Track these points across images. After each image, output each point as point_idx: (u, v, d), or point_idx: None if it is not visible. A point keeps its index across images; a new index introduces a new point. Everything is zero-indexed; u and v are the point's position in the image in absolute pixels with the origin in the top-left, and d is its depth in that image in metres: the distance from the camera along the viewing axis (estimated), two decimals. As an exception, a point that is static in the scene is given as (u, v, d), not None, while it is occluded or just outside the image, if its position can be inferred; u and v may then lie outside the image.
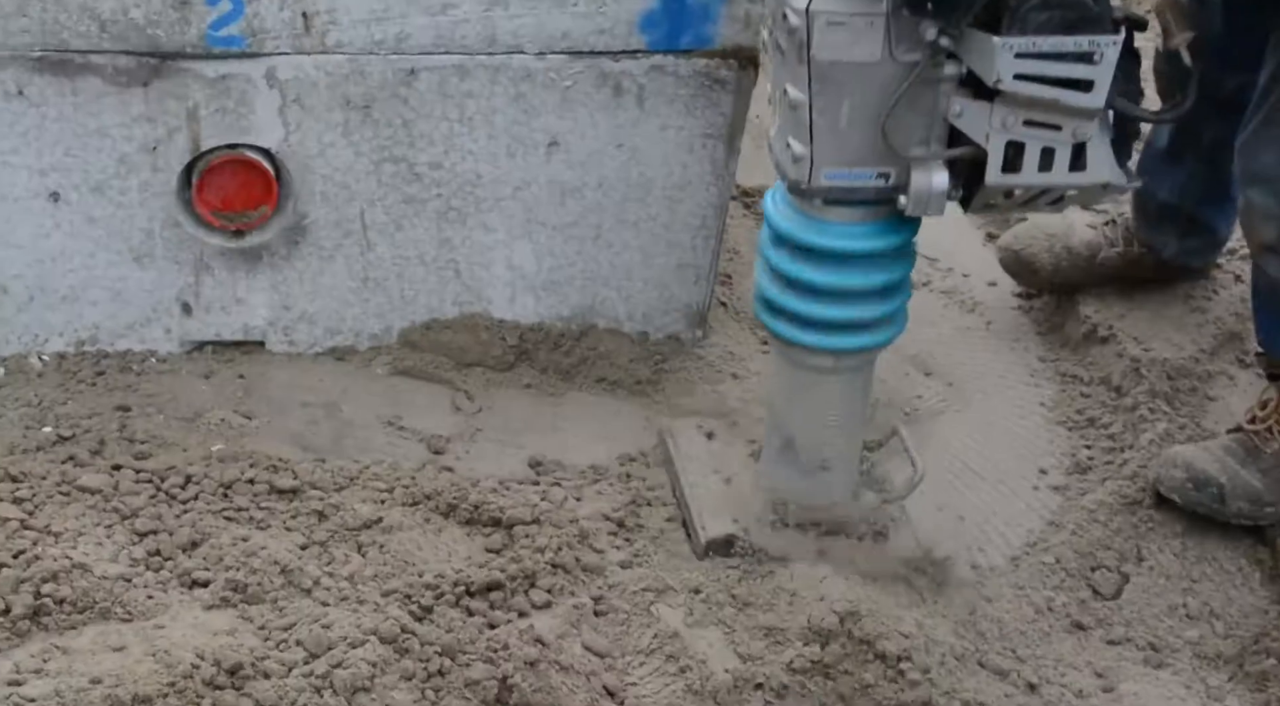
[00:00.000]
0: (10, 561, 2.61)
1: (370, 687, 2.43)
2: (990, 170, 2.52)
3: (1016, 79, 2.40)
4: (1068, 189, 2.58)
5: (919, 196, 2.57)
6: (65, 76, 3.06)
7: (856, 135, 2.56)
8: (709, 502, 3.00)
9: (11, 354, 3.28)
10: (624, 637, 2.68)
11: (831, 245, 2.69)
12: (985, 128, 2.50)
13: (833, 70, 2.50)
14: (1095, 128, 2.50)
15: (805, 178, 2.60)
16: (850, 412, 2.90)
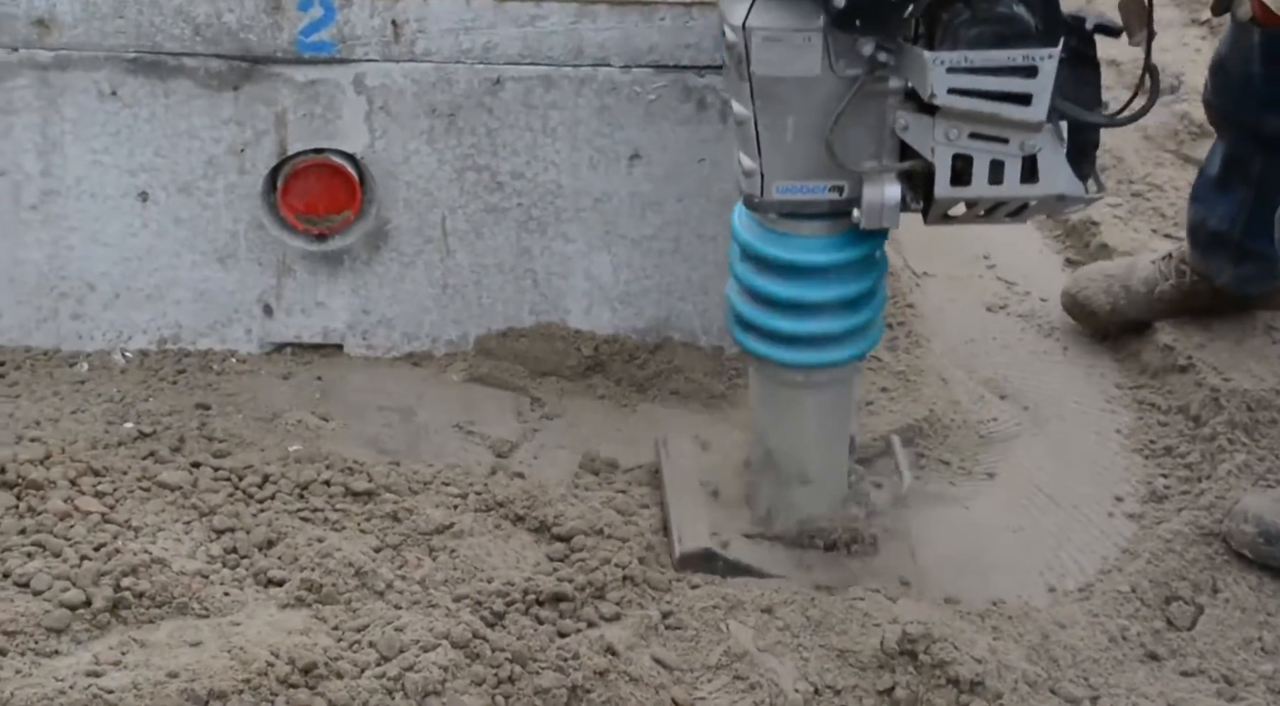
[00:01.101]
0: (92, 554, 2.64)
1: (441, 692, 2.44)
2: (939, 183, 2.50)
3: (951, 93, 2.39)
4: (1021, 201, 2.55)
5: (871, 209, 2.56)
6: (158, 78, 3.11)
7: (804, 149, 2.54)
8: (690, 514, 2.96)
9: (96, 350, 3.33)
10: (693, 652, 2.67)
11: (792, 259, 2.68)
12: (930, 141, 2.48)
13: (774, 86, 2.49)
14: (1045, 139, 2.47)
15: (758, 192, 2.59)
16: (827, 427, 2.88)
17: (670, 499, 3.02)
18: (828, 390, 2.84)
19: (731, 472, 3.08)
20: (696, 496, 3.02)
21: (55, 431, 3.06)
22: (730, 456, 3.13)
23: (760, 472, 2.96)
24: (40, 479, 2.79)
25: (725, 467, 3.10)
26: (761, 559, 2.90)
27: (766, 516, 2.95)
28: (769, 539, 2.93)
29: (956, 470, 3.32)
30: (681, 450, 3.15)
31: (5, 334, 3.29)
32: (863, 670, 2.67)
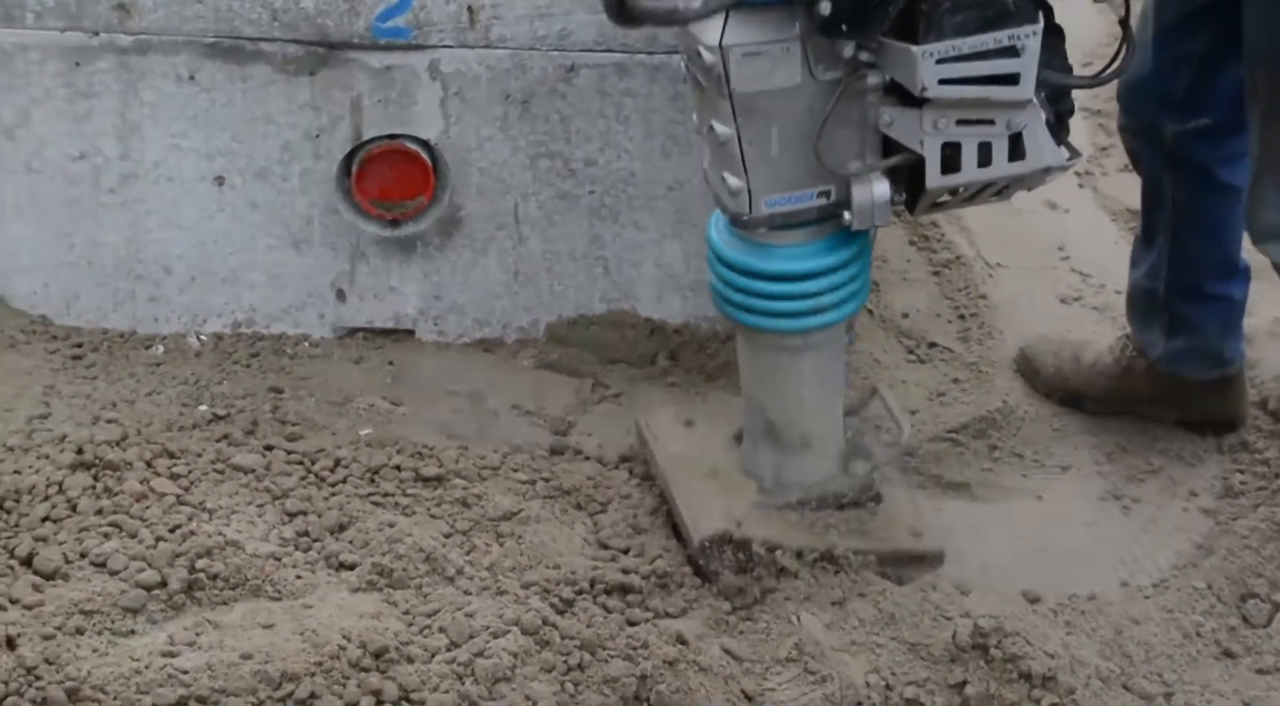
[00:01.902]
0: (167, 535, 2.66)
1: (511, 678, 2.45)
2: (930, 174, 2.48)
3: (942, 84, 2.36)
4: (1010, 180, 2.52)
5: (862, 210, 2.54)
6: (235, 63, 3.13)
7: (789, 159, 2.52)
8: (697, 498, 2.92)
9: (171, 333, 3.36)
10: (764, 644, 2.67)
11: (782, 269, 2.66)
12: (918, 133, 2.46)
13: (756, 100, 2.46)
14: (1030, 114, 2.44)
15: (746, 209, 2.56)
16: (826, 387, 2.86)
17: (672, 484, 2.97)
18: (823, 350, 2.80)
19: (723, 448, 3.03)
20: (696, 478, 2.97)
21: (131, 413, 3.09)
22: (716, 431, 3.07)
23: (761, 443, 2.91)
24: (117, 460, 2.82)
25: (715, 443, 3.05)
26: (778, 530, 2.85)
27: (774, 487, 2.91)
28: (780, 509, 2.89)
29: (1030, 462, 3.29)
30: (667, 431, 3.10)
31: (83, 316, 3.33)
32: (934, 664, 2.65)
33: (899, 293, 3.80)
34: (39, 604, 2.45)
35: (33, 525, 2.64)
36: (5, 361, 3.18)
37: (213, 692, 2.30)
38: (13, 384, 3.12)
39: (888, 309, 3.74)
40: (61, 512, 2.69)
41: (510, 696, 2.42)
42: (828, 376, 2.85)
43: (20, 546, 2.58)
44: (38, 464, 2.81)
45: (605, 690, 2.46)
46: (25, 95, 3.12)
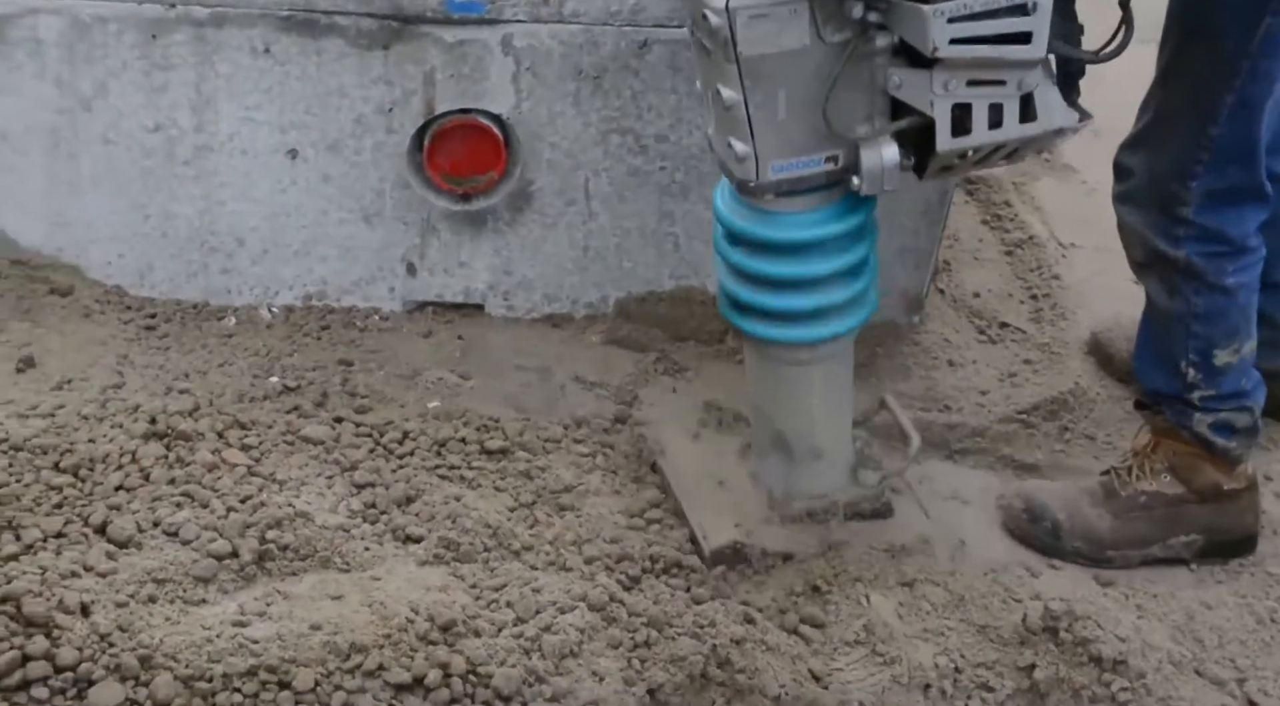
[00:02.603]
0: (238, 506, 2.68)
1: (578, 653, 2.46)
2: (940, 136, 2.42)
3: (953, 44, 2.31)
4: (1021, 141, 2.47)
5: (872, 174, 2.49)
6: (310, 36, 3.13)
7: (797, 124, 2.47)
8: (708, 510, 2.91)
9: (243, 304, 3.38)
10: (833, 624, 2.66)
11: (789, 237, 2.61)
12: (928, 95, 2.40)
13: (763, 64, 2.41)
14: (1040, 75, 2.39)
15: (753, 175, 2.52)
16: (835, 398, 2.83)
17: (682, 497, 2.95)
18: (832, 363, 2.78)
19: (731, 459, 3.03)
20: (706, 490, 2.97)
21: (203, 384, 3.11)
22: (722, 443, 3.08)
23: (770, 454, 2.90)
24: (189, 430, 2.84)
25: (723, 455, 3.05)
26: (788, 541, 2.86)
27: (784, 498, 2.90)
28: (790, 519, 2.89)
29: (1101, 444, 3.26)
30: (675, 444, 3.10)
31: (157, 287, 3.35)
32: (1003, 646, 2.64)
33: (971, 272, 3.77)
34: (113, 572, 2.48)
35: (106, 494, 2.67)
36: (80, 331, 3.21)
37: (282, 662, 2.32)
38: (88, 353, 3.15)
39: (959, 288, 3.71)
40: (135, 481, 2.71)
41: (577, 672, 2.42)
42: (837, 387, 2.83)
43: (94, 515, 2.61)
44: (111, 433, 2.83)
45: (672, 667, 2.46)
46: (103, 67, 3.14)
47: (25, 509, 2.58)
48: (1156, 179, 2.78)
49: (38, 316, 3.23)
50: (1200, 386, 2.86)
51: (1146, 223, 2.81)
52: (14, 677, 2.22)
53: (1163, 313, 2.90)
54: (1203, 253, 2.77)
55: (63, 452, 2.74)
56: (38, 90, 3.16)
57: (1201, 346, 2.84)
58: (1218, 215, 2.75)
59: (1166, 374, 2.90)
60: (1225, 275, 2.79)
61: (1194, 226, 2.76)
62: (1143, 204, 2.81)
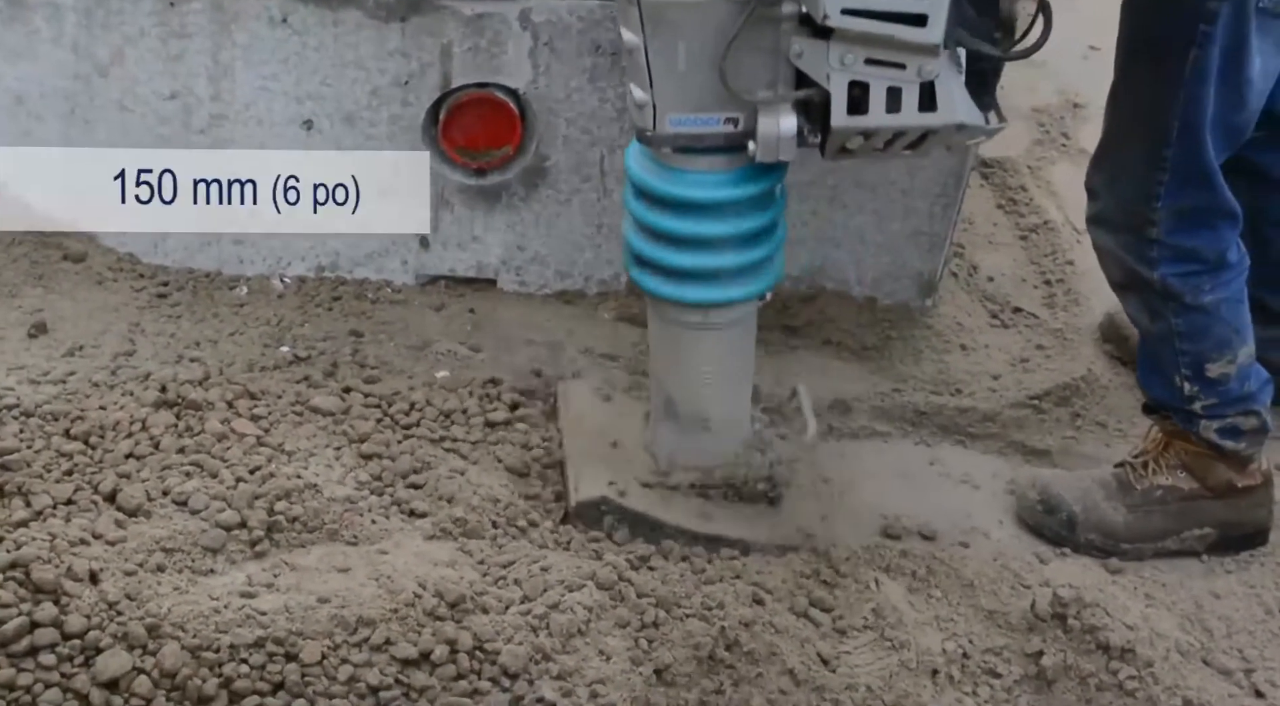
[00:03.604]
0: (247, 476, 2.68)
1: (586, 632, 2.46)
2: (835, 112, 2.39)
3: (845, 14, 2.28)
4: (921, 130, 2.43)
5: (767, 141, 2.45)
6: (328, 7, 3.12)
7: (697, 79, 2.44)
8: (588, 464, 2.87)
9: (255, 274, 3.37)
10: (842, 608, 2.66)
11: (686, 195, 2.57)
12: (825, 68, 2.37)
13: (664, 11, 2.38)
14: (943, 65, 2.35)
15: (650, 124, 2.49)
16: (728, 370, 2.79)
17: (569, 450, 2.93)
18: (727, 332, 2.74)
19: (632, 424, 2.98)
20: (595, 446, 2.93)
21: (214, 353, 3.11)
22: (630, 407, 3.04)
23: (660, 420, 2.87)
24: (199, 399, 2.84)
25: (626, 418, 3.00)
26: (660, 509, 2.82)
27: (668, 466, 2.86)
28: (669, 489, 2.85)
29: (1113, 432, 3.26)
30: (582, 400, 3.06)
31: (171, 255, 3.35)
32: (1012, 632, 2.64)
33: (984, 255, 3.76)
34: (121, 540, 2.48)
35: (116, 462, 2.67)
36: (93, 298, 3.21)
37: (289, 634, 2.33)
38: (100, 320, 3.14)
39: (973, 272, 3.70)
40: (145, 450, 2.72)
41: (584, 651, 2.43)
42: (732, 358, 2.79)
43: (104, 482, 2.61)
44: (122, 401, 2.83)
45: (680, 648, 2.46)
46: (120, 34, 3.12)
47: (35, 475, 2.58)
48: (1123, 201, 2.78)
49: (50, 283, 3.23)
50: (1200, 397, 2.86)
51: (1120, 244, 2.82)
52: (21, 644, 2.23)
53: (1147, 332, 2.91)
54: (1178, 273, 2.77)
55: (73, 420, 2.74)
56: (54, 56, 3.15)
57: (1191, 362, 2.84)
58: (1190, 234, 2.75)
59: (1165, 386, 2.90)
60: (1202, 294, 2.79)
61: (1166, 247, 2.76)
62: (1114, 226, 2.82)
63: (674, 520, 2.80)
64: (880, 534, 2.90)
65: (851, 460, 3.11)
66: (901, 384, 3.31)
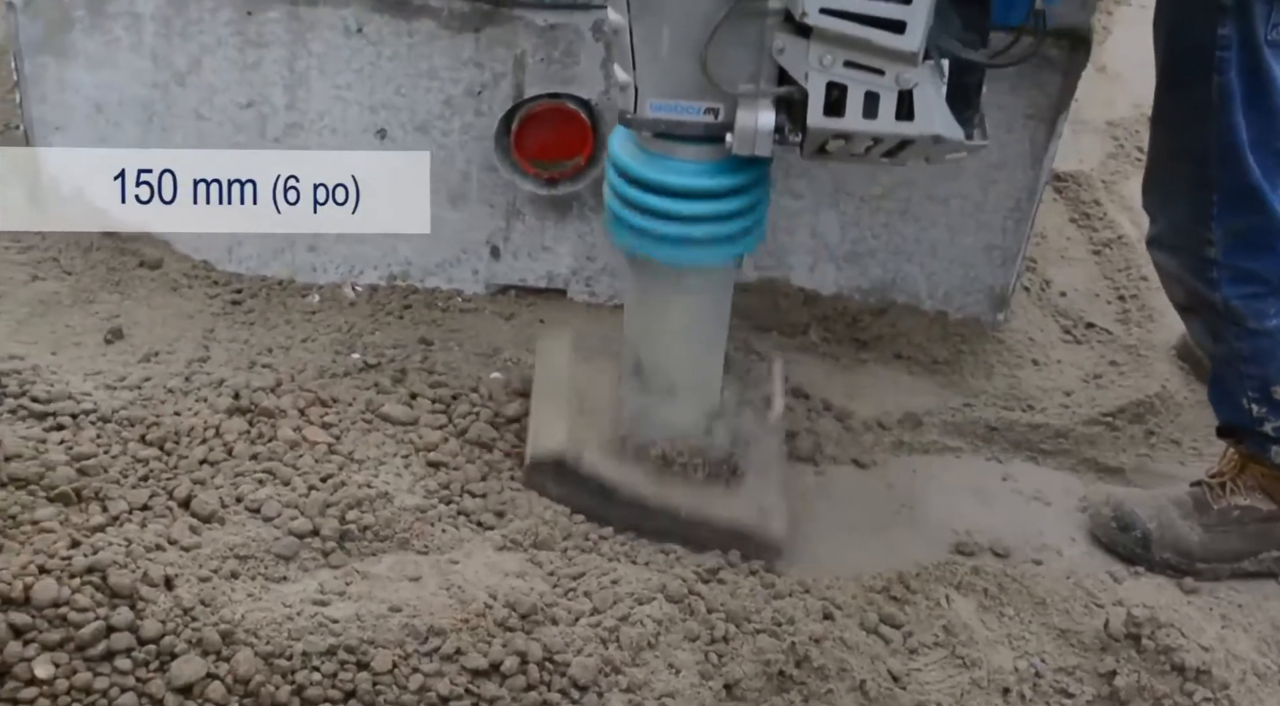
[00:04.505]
0: (319, 484, 2.70)
1: (655, 645, 2.45)
2: (811, 112, 2.37)
3: (823, 13, 2.27)
4: (897, 139, 2.40)
5: (744, 134, 2.43)
6: (403, 17, 3.13)
7: (680, 66, 2.41)
8: (549, 421, 2.84)
9: (328, 283, 3.39)
10: (913, 623, 2.64)
11: (665, 181, 2.55)
12: (805, 66, 2.35)
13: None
14: (923, 74, 2.33)
15: (631, 107, 2.47)
16: (698, 337, 2.75)
17: (534, 405, 2.90)
18: (700, 296, 2.71)
19: (604, 386, 2.93)
20: (562, 405, 2.89)
21: (286, 359, 3.12)
22: (606, 369, 2.96)
23: (629, 382, 2.83)
24: (271, 407, 2.85)
25: (599, 380, 2.95)
26: (616, 474, 2.78)
27: (632, 430, 2.82)
28: (628, 453, 2.81)
29: (1187, 450, 3.23)
30: (558, 358, 3.02)
31: (244, 263, 3.37)
32: (1085, 652, 2.62)
33: (1057, 270, 3.73)
34: (196, 546, 2.50)
35: (191, 468, 2.69)
36: (169, 304, 3.24)
37: (361, 643, 2.34)
38: (175, 327, 3.17)
39: (1045, 287, 3.68)
40: (218, 456, 2.73)
41: (653, 664, 2.43)
42: (702, 325, 2.75)
43: (179, 488, 2.63)
44: (196, 406, 2.85)
45: (749, 663, 2.46)
46: (198, 43, 3.15)
47: (112, 480, 2.61)
48: (1178, 222, 2.77)
49: (127, 289, 3.26)
50: (1270, 419, 2.83)
51: (1181, 265, 2.80)
52: (98, 648, 2.25)
53: (1212, 355, 2.89)
54: (1241, 294, 2.75)
55: (149, 425, 2.76)
56: (134, 64, 3.18)
57: (1258, 385, 2.81)
58: (1249, 256, 2.73)
59: (1234, 409, 2.88)
60: (1267, 318, 2.76)
61: (1226, 268, 2.74)
62: (1172, 247, 2.81)
63: (628, 487, 2.78)
64: (952, 550, 2.88)
65: (922, 475, 3.09)
66: (973, 399, 3.29)
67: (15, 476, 2.50)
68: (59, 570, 2.30)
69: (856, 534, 2.92)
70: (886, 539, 2.92)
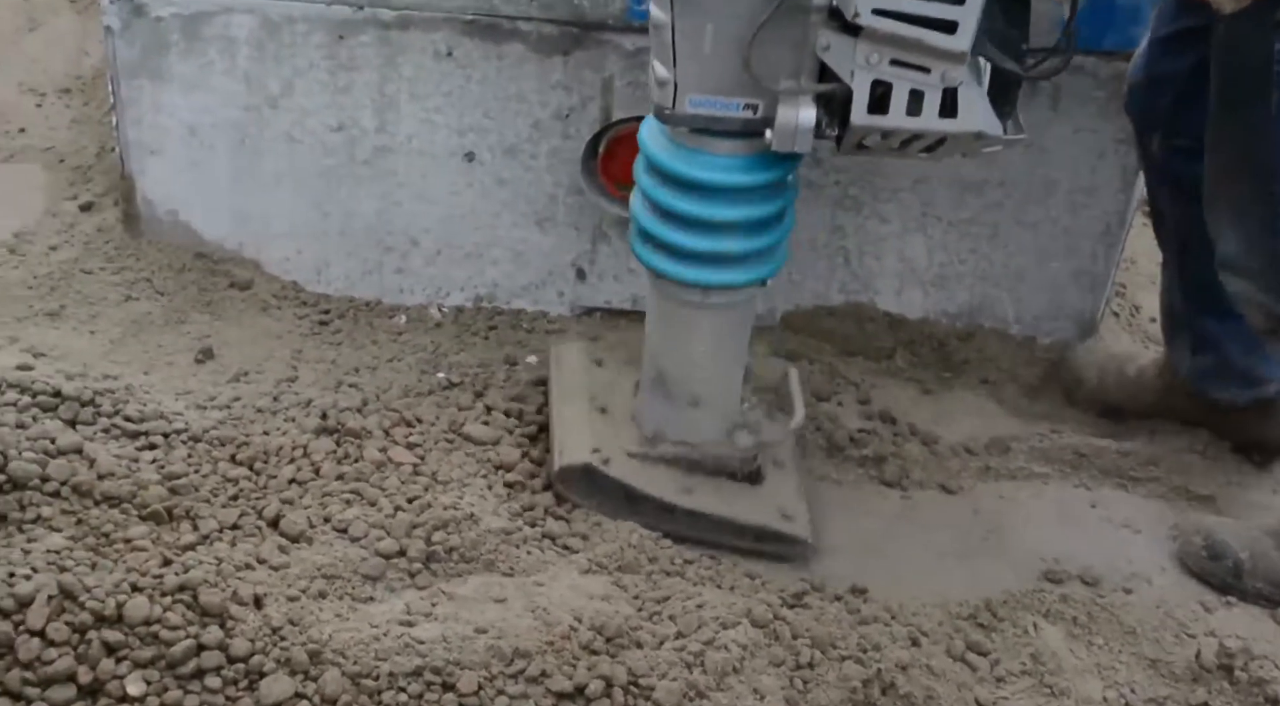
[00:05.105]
0: (405, 505, 2.71)
1: (740, 670, 2.44)
2: (856, 110, 2.36)
3: (875, 14, 2.26)
4: (939, 135, 2.40)
5: (784, 131, 2.43)
6: (492, 41, 3.15)
7: (721, 62, 2.41)
8: (575, 430, 2.86)
9: (414, 304, 3.42)
10: (1000, 651, 2.62)
11: (700, 177, 2.55)
12: (850, 64, 2.34)
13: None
14: (966, 73, 2.32)
15: (669, 103, 2.47)
16: (722, 350, 2.77)
17: (555, 411, 2.92)
18: (724, 313, 2.73)
19: (622, 392, 2.96)
20: (583, 411, 2.92)
21: (372, 379, 3.15)
22: (622, 374, 3.00)
23: (651, 393, 2.84)
24: (358, 427, 2.88)
25: (616, 386, 2.98)
26: (642, 479, 2.80)
27: (654, 438, 2.85)
28: (653, 459, 2.84)
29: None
30: (573, 364, 3.04)
31: (332, 284, 3.41)
32: (1175, 682, 2.58)
33: (1147, 296, 3.69)
34: (285, 565, 2.53)
35: (280, 487, 2.72)
36: (257, 324, 3.28)
37: (447, 664, 2.34)
38: (264, 347, 3.21)
39: (1135, 312, 3.64)
40: (306, 475, 2.76)
41: (738, 689, 2.41)
42: (727, 339, 2.78)
43: (268, 508, 2.66)
44: (284, 426, 2.88)
45: (835, 690, 2.44)
46: (290, 66, 3.19)
47: (203, 499, 2.64)
48: (1247, 242, 2.72)
49: (217, 309, 3.30)
50: None
51: (1258, 288, 2.75)
52: (188, 666, 2.27)
53: None
54: None
55: (239, 445, 2.80)
56: (227, 87, 3.22)
57: None
58: None
59: None
60: None
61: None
62: (1244, 270, 2.75)
63: (654, 492, 2.80)
64: (1040, 577, 2.85)
65: (1010, 501, 3.07)
66: (1061, 425, 3.26)
67: (109, 495, 2.54)
68: (151, 588, 2.32)
69: (943, 560, 2.90)
70: (973, 565, 2.89)
